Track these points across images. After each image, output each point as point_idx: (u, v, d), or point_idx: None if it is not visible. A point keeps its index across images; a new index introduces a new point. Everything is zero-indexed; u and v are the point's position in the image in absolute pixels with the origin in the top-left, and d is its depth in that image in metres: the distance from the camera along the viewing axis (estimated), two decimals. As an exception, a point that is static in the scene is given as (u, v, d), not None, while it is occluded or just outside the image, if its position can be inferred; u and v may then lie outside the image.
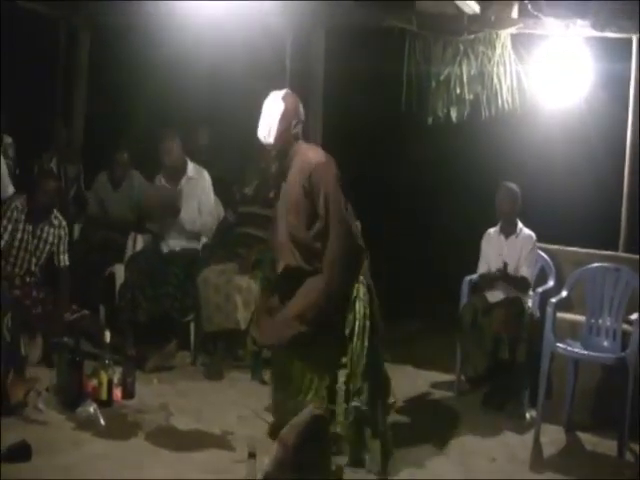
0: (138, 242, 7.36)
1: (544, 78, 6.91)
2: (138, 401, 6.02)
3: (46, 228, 6.57)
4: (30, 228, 6.51)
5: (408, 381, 6.86)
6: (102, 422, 5.52)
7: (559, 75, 6.83)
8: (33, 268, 6.57)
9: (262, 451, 4.32)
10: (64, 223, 6.70)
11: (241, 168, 7.46)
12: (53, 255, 6.64)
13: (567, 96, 6.87)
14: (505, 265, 6.36)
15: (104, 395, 5.85)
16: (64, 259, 6.69)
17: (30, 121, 8.20)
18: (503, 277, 6.36)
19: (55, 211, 6.65)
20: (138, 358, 6.45)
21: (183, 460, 5.09)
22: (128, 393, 6.03)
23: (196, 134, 8.09)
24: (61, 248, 6.66)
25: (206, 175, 7.23)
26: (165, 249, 7.08)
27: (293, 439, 3.95)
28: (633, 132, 6.74)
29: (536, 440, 5.74)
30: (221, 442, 5.39)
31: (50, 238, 6.59)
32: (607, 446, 5.69)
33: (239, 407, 5.97)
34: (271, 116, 5.12)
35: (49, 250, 6.60)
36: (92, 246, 7.71)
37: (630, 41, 6.69)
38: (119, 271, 7.18)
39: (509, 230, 6.58)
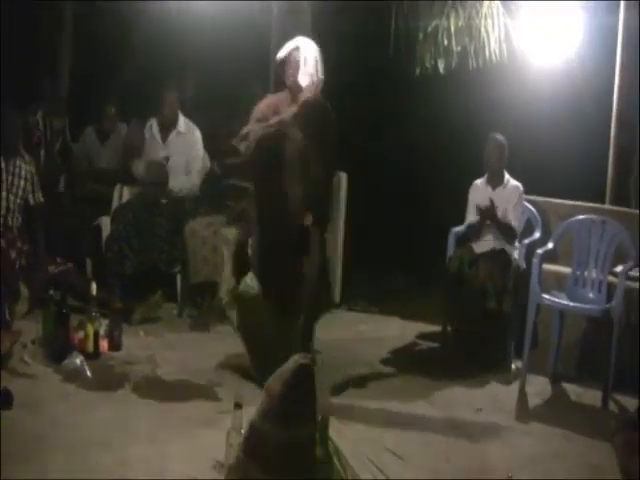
0: (124, 194, 7.32)
1: (532, 31, 6.87)
2: (125, 353, 6.04)
3: (18, 163, 6.51)
4: (3, 165, 6.45)
5: (395, 332, 6.89)
6: (89, 374, 5.54)
7: (547, 29, 6.79)
8: (12, 206, 6.49)
9: (248, 401, 4.34)
10: (30, 158, 6.69)
11: (228, 119, 7.42)
12: (27, 195, 6.58)
13: (555, 50, 6.83)
14: (490, 206, 6.32)
15: (91, 347, 5.86)
16: (38, 196, 6.65)
17: (14, 73, 8.09)
18: (491, 218, 6.34)
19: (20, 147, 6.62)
20: (124, 310, 6.45)
21: (169, 411, 5.11)
22: (115, 345, 6.04)
23: (182, 85, 8.03)
24: (35, 184, 6.62)
25: (197, 132, 7.21)
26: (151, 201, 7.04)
27: (279, 389, 3.95)
28: (620, 86, 6.71)
29: (521, 391, 5.78)
30: (207, 393, 5.41)
31: (23, 173, 6.52)
32: (591, 397, 5.73)
33: (225, 358, 5.98)
34: (315, 64, 5.21)
35: (24, 187, 6.54)
36: (78, 199, 7.68)
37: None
38: (105, 223, 7.15)
39: (496, 181, 6.56)
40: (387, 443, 4.79)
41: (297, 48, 5.23)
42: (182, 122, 7.14)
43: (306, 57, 5.19)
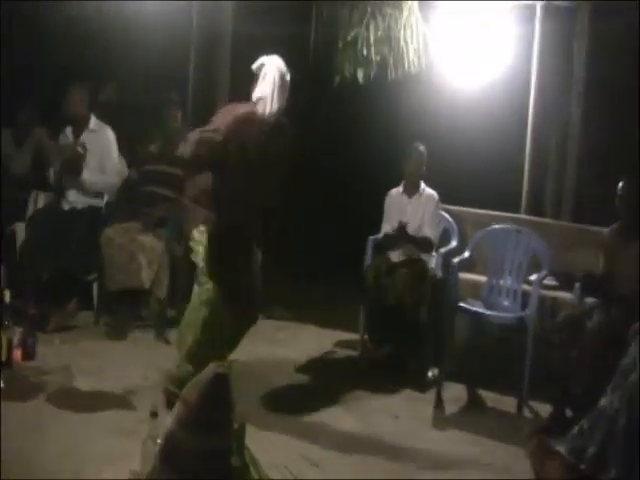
0: (40, 200, 7.19)
1: (450, 41, 6.96)
2: (39, 362, 5.92)
3: None
4: None
5: (312, 340, 6.90)
6: (1, 384, 5.41)
7: (465, 39, 6.89)
8: None
9: (165, 410, 4.30)
10: None
11: (146, 126, 7.36)
12: None
13: (473, 60, 6.93)
14: (401, 224, 6.38)
15: (3, 356, 5.71)
16: None
17: None
18: (402, 236, 6.40)
19: None
20: (39, 318, 6.33)
21: (86, 421, 5.03)
22: (28, 354, 5.92)
23: (102, 89, 7.95)
24: None
25: (109, 131, 7.10)
26: (67, 206, 6.94)
27: (195, 397, 3.92)
28: (536, 95, 6.85)
29: (438, 398, 5.82)
30: (124, 402, 5.34)
31: None
32: (507, 403, 5.82)
33: (142, 367, 5.92)
34: (273, 81, 5.17)
35: None
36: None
37: (534, 7, 6.79)
38: (20, 229, 7.01)
39: (412, 190, 6.62)
40: (304, 451, 4.79)
41: (261, 65, 5.24)
42: (93, 121, 7.05)
43: (266, 73, 5.17)
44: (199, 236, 5.26)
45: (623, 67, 6.78)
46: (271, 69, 5.18)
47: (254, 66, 5.26)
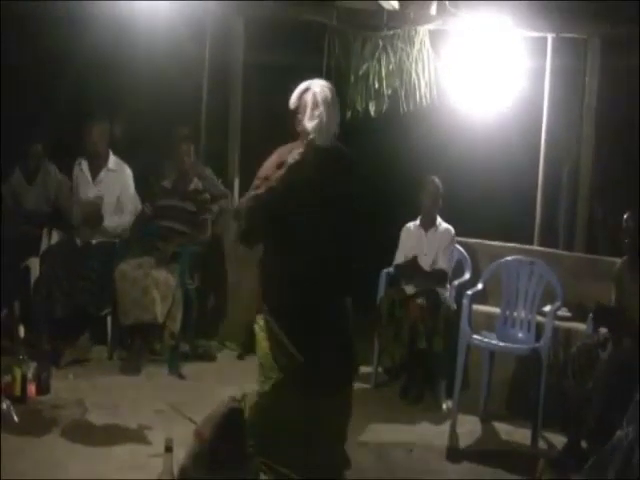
0: (54, 235, 7.24)
1: (461, 74, 6.99)
2: (53, 397, 5.93)
3: None
4: None
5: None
6: (16, 419, 5.42)
7: (476, 72, 6.92)
8: None
9: (179, 445, 4.30)
10: None
11: (159, 161, 7.41)
12: None
13: (484, 93, 6.95)
14: (413, 258, 6.40)
15: (18, 391, 5.74)
16: None
17: None
18: (414, 269, 6.41)
19: None
20: (53, 353, 6.36)
21: (99, 456, 5.04)
22: (43, 388, 5.93)
23: (114, 126, 7.98)
24: None
25: (127, 170, 7.17)
26: (80, 242, 6.98)
27: (209, 432, 3.94)
28: (548, 128, 6.87)
29: (452, 430, 5.81)
30: (138, 437, 5.34)
31: None
32: (521, 435, 5.80)
33: (156, 401, 5.93)
34: (326, 106, 4.51)
35: None
36: (6, 241, 7.55)
37: (546, 40, 6.82)
38: (34, 265, 7.05)
39: (429, 224, 6.64)
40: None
41: (307, 90, 4.55)
42: (112, 159, 7.10)
43: (316, 98, 4.50)
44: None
45: (633, 99, 6.79)
46: (320, 92, 4.53)
47: (296, 94, 4.59)
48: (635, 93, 6.73)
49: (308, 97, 4.52)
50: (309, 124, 4.50)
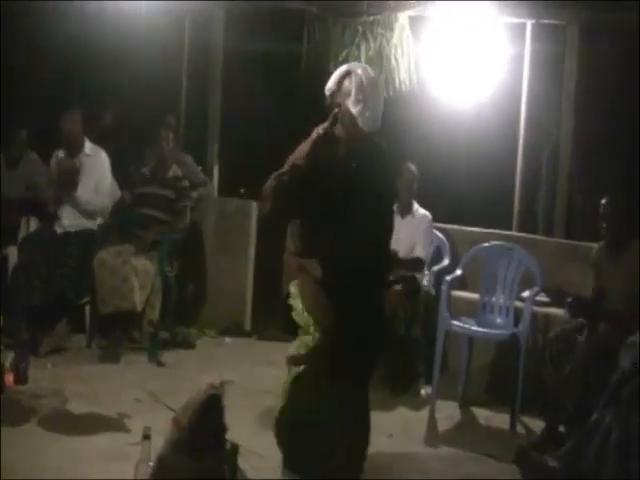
0: (32, 223, 7.20)
1: (441, 60, 6.98)
2: (32, 386, 5.89)
3: None
4: None
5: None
6: (-6, 408, 5.41)
7: (456, 58, 6.91)
8: None
9: (159, 433, 4.29)
10: None
11: (141, 148, 7.38)
12: None
13: (464, 79, 6.94)
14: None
15: (-5, 381, 5.73)
16: None
17: None
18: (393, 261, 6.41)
19: None
20: (31, 342, 6.34)
21: (79, 445, 5.02)
22: (20, 378, 5.89)
23: (98, 115, 7.97)
24: None
25: (103, 154, 7.13)
26: (60, 230, 6.93)
27: (188, 419, 3.93)
28: (527, 114, 6.88)
29: (431, 416, 5.84)
30: (117, 425, 5.34)
31: None
32: (500, 420, 5.83)
33: (136, 389, 5.92)
34: (380, 98, 4.34)
35: None
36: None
37: (525, 26, 6.82)
38: (12, 253, 7.01)
39: (405, 210, 6.63)
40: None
41: (348, 73, 4.28)
42: (88, 145, 7.06)
43: (362, 81, 4.22)
44: (295, 290, 4.50)
45: (612, 84, 6.81)
46: (364, 75, 4.25)
47: (334, 78, 4.32)
48: (612, 75, 6.74)
49: (352, 80, 4.24)
50: (354, 108, 4.24)
